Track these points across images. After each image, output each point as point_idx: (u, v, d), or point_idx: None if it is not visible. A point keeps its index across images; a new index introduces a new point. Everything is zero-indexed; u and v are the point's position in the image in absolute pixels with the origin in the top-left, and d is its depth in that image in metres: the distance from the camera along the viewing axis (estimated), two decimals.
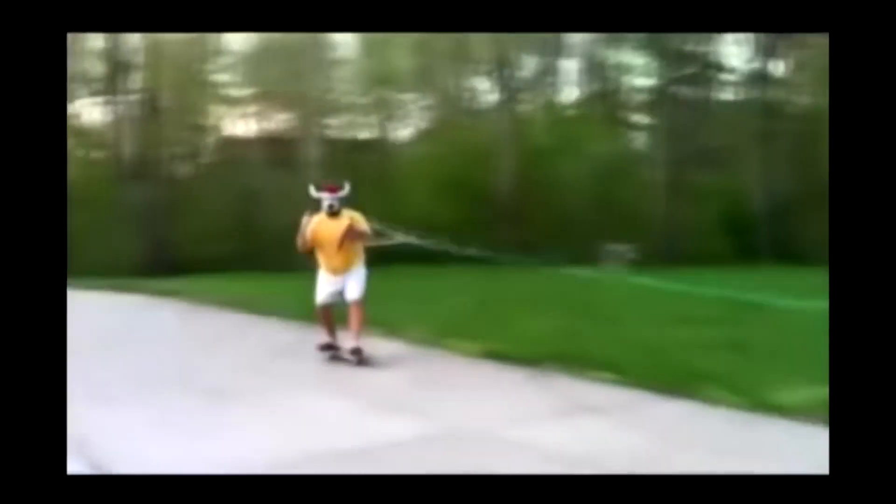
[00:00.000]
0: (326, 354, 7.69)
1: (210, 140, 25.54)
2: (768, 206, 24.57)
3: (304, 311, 11.44)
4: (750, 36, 24.86)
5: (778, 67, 26.31)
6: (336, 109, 26.34)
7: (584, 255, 20.67)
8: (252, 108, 25.05)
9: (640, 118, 29.33)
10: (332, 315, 7.72)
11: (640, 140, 29.61)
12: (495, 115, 26.22)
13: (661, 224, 23.98)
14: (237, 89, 24.97)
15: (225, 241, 21.81)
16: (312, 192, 7.67)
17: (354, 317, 7.51)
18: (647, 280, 13.11)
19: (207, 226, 22.00)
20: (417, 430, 5.27)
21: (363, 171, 26.13)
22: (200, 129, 25.10)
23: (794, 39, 24.71)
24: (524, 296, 13.23)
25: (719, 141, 26.67)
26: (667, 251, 21.69)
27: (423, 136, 28.45)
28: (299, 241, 7.66)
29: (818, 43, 24.32)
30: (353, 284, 7.60)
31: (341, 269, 7.59)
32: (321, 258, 7.69)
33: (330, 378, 7.09)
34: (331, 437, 5.08)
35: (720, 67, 27.27)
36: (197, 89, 23.97)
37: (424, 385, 6.80)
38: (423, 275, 15.76)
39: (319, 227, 7.62)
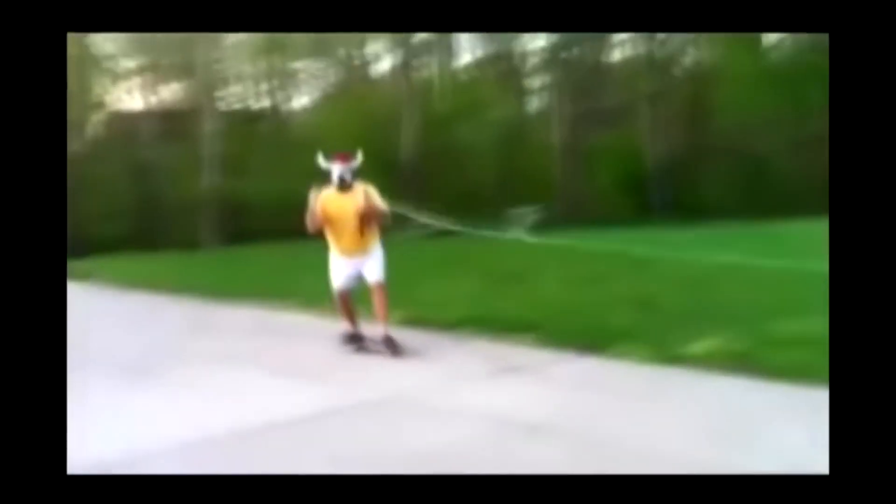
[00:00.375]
0: (351, 347, 6.87)
1: (101, 116, 24.58)
2: (661, 164, 25.35)
3: (211, 288, 11.28)
4: None
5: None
6: (230, 80, 25.72)
7: (490, 219, 20.95)
8: (142, 82, 24.18)
9: (536, 81, 29.71)
10: (352, 301, 6.91)
11: (536, 103, 30.03)
12: (392, 81, 26.11)
13: (562, 185, 24.46)
14: (126, 62, 24.04)
15: (122, 219, 21.16)
16: (321, 162, 6.80)
17: (379, 301, 6.66)
18: (553, 241, 13.40)
19: (103, 204, 21.29)
20: (353, 400, 5.28)
21: (260, 142, 25.73)
22: (90, 105, 24.11)
23: None
24: (438, 262, 13.33)
25: (613, 101, 27.32)
26: (568, 211, 22.15)
27: (320, 105, 28.11)
28: (308, 220, 6.66)
29: None
30: (373, 265, 6.74)
31: (358, 250, 6.73)
32: (333, 238, 6.79)
33: (251, 352, 6.98)
34: (263, 410, 5.02)
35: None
36: (84, 63, 22.97)
37: (351, 355, 6.77)
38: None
39: (330, 202, 6.68)
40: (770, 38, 26.12)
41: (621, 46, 28.79)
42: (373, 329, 6.76)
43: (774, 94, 23.15)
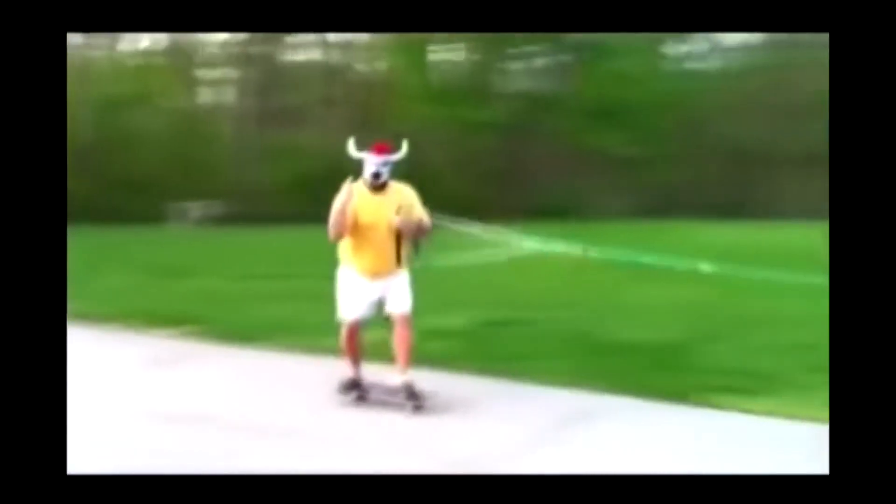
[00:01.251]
0: (351, 396, 5.30)
1: None
2: (335, 165, 26.21)
3: None
4: None
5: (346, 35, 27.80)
6: None
7: (157, 212, 20.31)
8: None
9: (214, 74, 29.17)
10: (362, 339, 5.36)
11: (213, 96, 29.45)
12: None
13: (236, 181, 24.26)
14: None
15: None
16: (352, 150, 5.25)
17: (402, 339, 5.19)
18: (225, 237, 13.46)
19: None
20: None
21: None
22: None
23: None
24: (93, 254, 12.79)
25: (291, 101, 27.67)
26: (243, 208, 22.07)
27: None
28: (333, 223, 5.06)
29: None
30: (400, 292, 5.23)
31: (383, 270, 5.22)
32: (354, 251, 5.23)
33: None
34: None
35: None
36: None
37: None
38: None
39: (361, 205, 5.13)
40: (436, 57, 28.04)
41: (302, 49, 29.19)
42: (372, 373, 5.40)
43: (437, 111, 24.99)
